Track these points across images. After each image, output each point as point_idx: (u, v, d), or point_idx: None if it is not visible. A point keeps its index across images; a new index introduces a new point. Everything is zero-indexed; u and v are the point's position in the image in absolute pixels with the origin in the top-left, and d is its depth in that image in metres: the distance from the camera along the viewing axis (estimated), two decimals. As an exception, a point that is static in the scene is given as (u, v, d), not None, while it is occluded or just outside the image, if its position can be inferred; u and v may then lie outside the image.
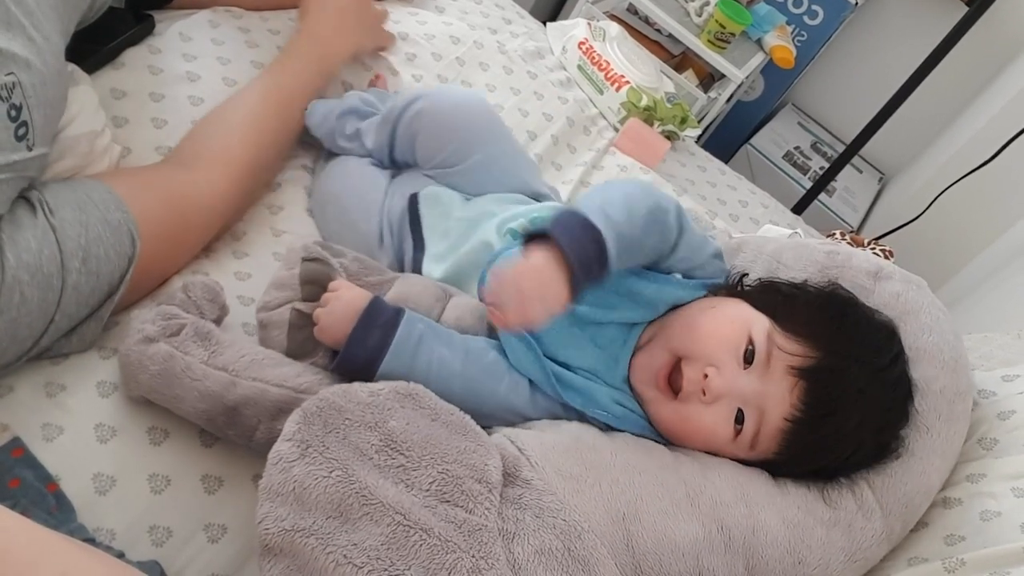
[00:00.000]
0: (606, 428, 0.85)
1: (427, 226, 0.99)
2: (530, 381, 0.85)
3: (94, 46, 1.01)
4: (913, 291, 0.92)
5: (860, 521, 0.80)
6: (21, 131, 0.75)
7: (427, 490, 0.66)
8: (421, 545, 0.62)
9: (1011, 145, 1.96)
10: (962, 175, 2.06)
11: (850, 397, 0.79)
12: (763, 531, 0.77)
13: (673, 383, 0.84)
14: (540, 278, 0.73)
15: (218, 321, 0.85)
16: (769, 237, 1.12)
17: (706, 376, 0.80)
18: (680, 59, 2.39)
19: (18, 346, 0.75)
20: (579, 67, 1.68)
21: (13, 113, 0.74)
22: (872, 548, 0.80)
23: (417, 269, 0.97)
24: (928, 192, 2.19)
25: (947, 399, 0.85)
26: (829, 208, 2.53)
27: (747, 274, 0.95)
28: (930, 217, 2.17)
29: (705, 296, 0.89)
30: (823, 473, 0.82)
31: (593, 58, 1.68)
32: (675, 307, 0.89)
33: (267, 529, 0.62)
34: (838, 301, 0.87)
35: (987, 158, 2.00)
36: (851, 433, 0.80)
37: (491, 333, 0.88)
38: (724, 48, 2.21)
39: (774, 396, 0.80)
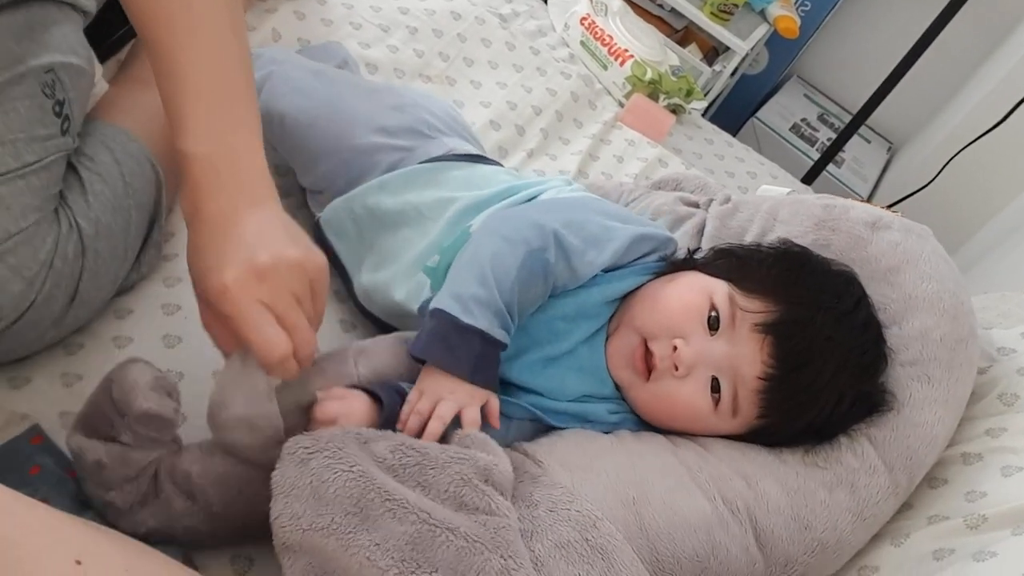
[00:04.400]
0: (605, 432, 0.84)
1: (344, 254, 0.98)
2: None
3: (97, 39, 1.01)
4: (913, 240, 0.91)
5: (864, 478, 0.79)
6: (65, 125, 0.79)
7: (445, 491, 0.64)
8: (448, 546, 0.60)
9: (1021, 107, 1.93)
10: (972, 140, 2.04)
11: (820, 345, 0.78)
12: (764, 500, 0.76)
13: (649, 362, 0.82)
14: (445, 394, 0.73)
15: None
16: (766, 196, 1.10)
17: (675, 349, 0.79)
18: (683, 34, 2.37)
19: (104, 294, 0.85)
20: (582, 43, 1.67)
21: (57, 108, 0.78)
22: (880, 504, 0.79)
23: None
24: (938, 159, 2.17)
25: (947, 347, 0.84)
26: (838, 179, 2.51)
27: (698, 249, 0.93)
28: (941, 183, 2.15)
29: (656, 276, 0.87)
30: (815, 432, 0.81)
31: (596, 33, 1.66)
32: (630, 293, 0.86)
33: (283, 527, 0.60)
34: (791, 256, 0.86)
35: (996, 121, 1.97)
36: (829, 382, 0.78)
37: None
38: (727, 20, 2.19)
39: (745, 356, 0.79)
